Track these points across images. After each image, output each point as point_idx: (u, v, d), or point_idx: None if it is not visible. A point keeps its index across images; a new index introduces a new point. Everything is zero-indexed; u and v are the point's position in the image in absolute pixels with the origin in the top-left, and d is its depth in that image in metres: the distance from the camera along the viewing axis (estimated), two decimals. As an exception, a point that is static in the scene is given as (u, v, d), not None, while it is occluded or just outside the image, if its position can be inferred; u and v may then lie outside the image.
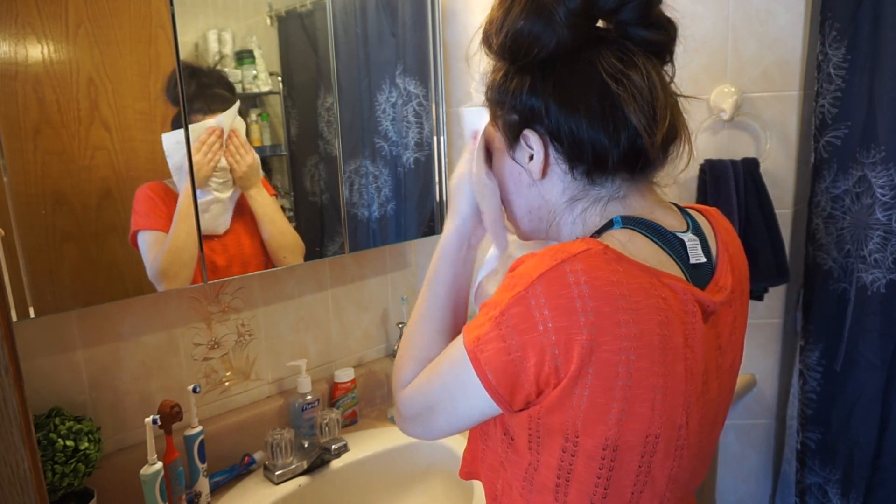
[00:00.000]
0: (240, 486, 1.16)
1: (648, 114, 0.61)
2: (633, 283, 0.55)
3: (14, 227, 0.89)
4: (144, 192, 1.01)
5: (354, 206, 1.36)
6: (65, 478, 0.92)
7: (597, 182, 0.65)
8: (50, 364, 1.01)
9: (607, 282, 0.54)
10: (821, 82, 1.48)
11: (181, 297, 1.16)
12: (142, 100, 1.00)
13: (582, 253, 0.55)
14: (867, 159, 1.42)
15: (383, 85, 1.39)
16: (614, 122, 0.61)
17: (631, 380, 0.55)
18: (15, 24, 0.86)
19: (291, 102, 1.29)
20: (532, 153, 0.66)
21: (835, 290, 1.51)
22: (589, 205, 0.66)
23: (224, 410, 1.24)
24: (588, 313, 0.53)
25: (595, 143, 0.62)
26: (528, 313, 0.55)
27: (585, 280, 0.54)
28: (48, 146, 0.91)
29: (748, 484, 1.70)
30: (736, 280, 0.68)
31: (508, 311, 0.56)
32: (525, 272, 0.57)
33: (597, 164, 0.63)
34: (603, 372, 0.54)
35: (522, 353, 0.55)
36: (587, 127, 0.62)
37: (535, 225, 0.71)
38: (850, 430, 1.50)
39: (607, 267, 0.55)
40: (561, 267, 0.55)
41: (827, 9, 1.44)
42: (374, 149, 1.38)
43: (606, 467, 0.57)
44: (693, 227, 0.67)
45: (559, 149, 0.64)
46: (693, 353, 0.59)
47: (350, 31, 1.31)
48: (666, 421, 0.57)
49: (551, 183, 0.67)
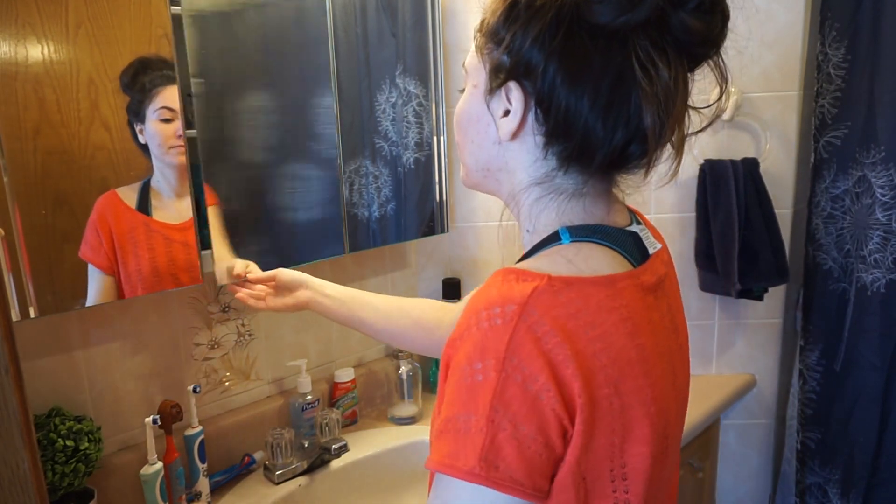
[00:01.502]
0: (240, 486, 1.16)
1: (663, 118, 0.52)
2: (591, 305, 0.50)
3: (14, 227, 0.89)
4: (93, 215, 0.97)
5: (354, 206, 1.36)
6: (65, 478, 0.92)
7: (569, 171, 0.57)
8: (50, 364, 1.01)
9: (568, 317, 0.49)
10: (821, 82, 1.48)
11: (181, 297, 1.16)
12: (142, 100, 1.00)
13: (531, 296, 0.49)
14: (867, 159, 1.42)
15: (383, 85, 1.39)
16: (618, 116, 0.53)
17: (624, 405, 0.51)
18: (15, 25, 0.86)
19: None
20: (509, 109, 0.57)
21: (834, 290, 1.51)
22: (550, 195, 0.59)
23: (224, 410, 1.25)
24: (568, 361, 0.48)
25: (588, 132, 0.54)
26: (521, 395, 0.47)
27: (549, 328, 0.48)
28: (48, 146, 0.91)
29: (748, 484, 1.70)
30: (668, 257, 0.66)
31: (498, 404, 0.47)
32: (483, 352, 0.48)
33: (579, 155, 0.56)
34: (600, 412, 0.50)
35: (543, 437, 0.48)
36: (588, 109, 0.53)
37: (489, 184, 0.64)
38: (849, 429, 1.50)
39: (560, 300, 0.49)
40: (522, 324, 0.48)
41: (827, 9, 1.44)
42: (374, 149, 1.39)
43: (622, 489, 0.53)
44: (634, 219, 0.63)
45: (542, 119, 0.55)
46: (663, 347, 0.57)
47: (350, 31, 1.31)
48: (662, 426, 0.55)
49: (520, 150, 0.59)
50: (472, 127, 0.62)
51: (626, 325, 0.52)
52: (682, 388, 0.63)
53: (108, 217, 0.99)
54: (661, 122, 0.53)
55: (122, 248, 1.01)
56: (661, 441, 0.55)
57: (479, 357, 0.48)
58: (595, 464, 0.51)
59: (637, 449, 0.52)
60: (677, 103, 0.53)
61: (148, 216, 1.04)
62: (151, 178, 1.03)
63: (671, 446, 0.59)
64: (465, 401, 0.48)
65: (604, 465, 0.51)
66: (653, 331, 0.55)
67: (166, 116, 1.02)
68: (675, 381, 0.60)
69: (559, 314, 0.49)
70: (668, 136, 0.54)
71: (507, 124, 0.57)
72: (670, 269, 0.66)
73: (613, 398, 0.50)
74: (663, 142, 0.55)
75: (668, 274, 0.64)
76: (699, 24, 0.52)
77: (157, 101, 1.01)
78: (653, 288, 0.58)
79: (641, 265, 0.58)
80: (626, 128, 0.54)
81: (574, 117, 0.53)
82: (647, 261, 0.59)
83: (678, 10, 0.51)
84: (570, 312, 0.49)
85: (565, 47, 0.52)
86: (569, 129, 0.54)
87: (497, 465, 0.47)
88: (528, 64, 0.54)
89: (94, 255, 0.98)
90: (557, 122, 0.54)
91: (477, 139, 0.62)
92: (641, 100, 0.52)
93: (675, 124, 0.54)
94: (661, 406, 0.55)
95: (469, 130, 0.62)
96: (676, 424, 0.61)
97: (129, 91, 0.98)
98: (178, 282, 1.07)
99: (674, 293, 0.65)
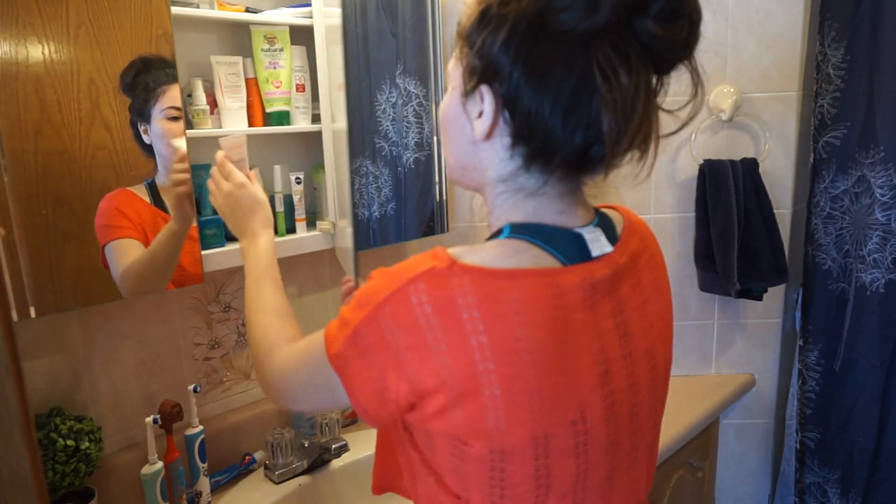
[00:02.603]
0: (240, 486, 1.16)
1: (621, 124, 0.54)
2: (479, 292, 0.54)
3: (15, 226, 0.89)
4: (110, 204, 0.99)
5: (354, 206, 1.36)
6: (65, 477, 0.92)
7: (531, 170, 0.60)
8: (51, 364, 1.01)
9: (449, 299, 0.54)
10: (820, 82, 1.48)
11: (181, 297, 1.16)
12: (142, 100, 1.00)
13: (426, 273, 0.55)
14: (866, 159, 1.42)
15: (383, 85, 1.39)
16: (577, 119, 0.55)
17: (498, 388, 0.54)
18: (16, 25, 0.87)
19: (291, 102, 1.28)
20: (481, 110, 0.59)
21: (834, 290, 1.51)
22: (509, 192, 0.62)
23: (224, 410, 1.25)
24: (434, 331, 0.54)
25: (548, 134, 0.56)
26: (380, 334, 0.56)
27: (427, 300, 0.54)
28: (49, 146, 0.91)
29: (747, 483, 1.71)
30: (644, 263, 0.66)
31: (361, 330, 0.57)
32: (375, 290, 0.57)
33: (540, 156, 0.58)
34: (467, 387, 0.54)
35: (382, 372, 0.57)
36: (549, 112, 0.55)
37: (467, 182, 0.68)
38: (848, 429, 1.50)
39: (449, 283, 0.55)
40: (405, 289, 0.55)
41: (826, 9, 1.44)
42: (374, 149, 1.39)
43: (498, 468, 0.57)
44: (598, 221, 0.64)
45: (509, 121, 0.58)
46: (575, 346, 0.57)
47: (350, 31, 1.31)
48: (553, 420, 0.56)
49: (491, 150, 0.62)
50: (451, 126, 0.65)
51: (516, 317, 0.54)
52: (624, 393, 0.62)
53: (131, 206, 1.01)
54: (618, 126, 0.54)
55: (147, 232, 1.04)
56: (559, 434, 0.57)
57: (372, 292, 0.58)
58: (466, 429, 0.56)
59: (520, 430, 0.56)
60: (638, 109, 0.55)
61: (165, 213, 1.04)
62: (156, 178, 1.04)
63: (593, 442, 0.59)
64: (351, 311, 0.59)
65: (478, 437, 0.56)
66: (560, 329, 0.56)
67: (174, 115, 1.03)
68: (607, 384, 0.60)
69: (441, 294, 0.54)
70: (630, 140, 0.56)
71: (480, 125, 0.60)
72: (641, 273, 0.65)
73: (483, 379, 0.54)
74: (623, 145, 0.56)
75: (627, 276, 0.63)
76: (662, 30, 0.53)
77: (164, 101, 1.01)
78: (579, 287, 0.58)
79: (573, 265, 0.59)
80: (586, 131, 0.55)
81: (536, 120, 0.56)
82: (585, 262, 0.60)
83: (639, 17, 0.53)
84: (454, 295, 0.54)
85: (529, 53, 0.55)
86: (531, 131, 0.57)
87: (346, 366, 0.59)
88: (496, 68, 0.56)
89: (118, 232, 1.00)
90: (521, 124, 0.57)
91: (455, 138, 0.65)
92: (601, 104, 0.54)
93: (638, 128, 0.56)
94: (554, 402, 0.56)
95: (449, 130, 0.66)
96: (602, 426, 0.60)
97: (131, 91, 0.98)
98: (185, 279, 1.08)
99: (640, 300, 0.64)
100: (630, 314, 0.63)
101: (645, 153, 0.59)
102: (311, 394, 0.68)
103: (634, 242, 0.66)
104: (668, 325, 0.69)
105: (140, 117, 1.00)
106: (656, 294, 0.67)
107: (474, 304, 0.54)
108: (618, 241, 0.64)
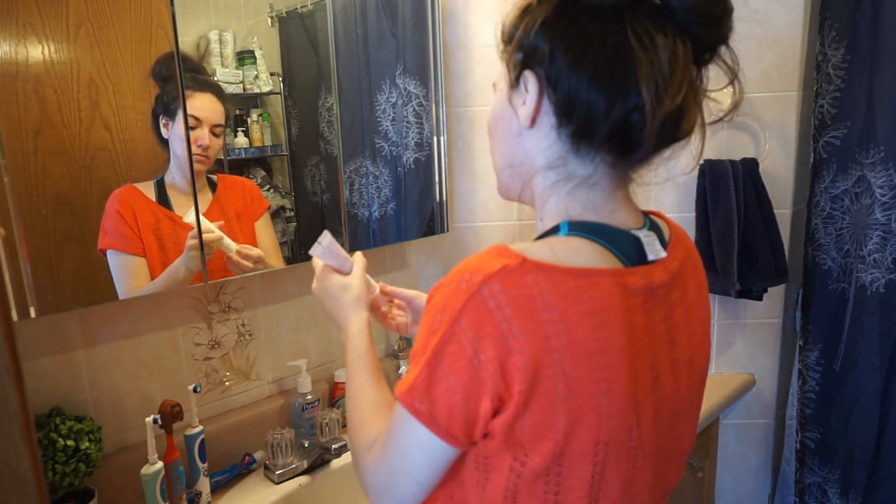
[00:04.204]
0: (240, 486, 1.16)
1: (660, 88, 0.55)
2: (556, 291, 0.53)
3: (15, 227, 0.89)
4: (112, 206, 0.98)
5: (354, 206, 1.36)
6: (65, 477, 0.92)
7: (580, 152, 0.60)
8: (51, 364, 1.01)
9: (528, 297, 0.53)
10: (820, 82, 1.48)
11: (182, 297, 1.16)
12: (143, 100, 1.00)
13: (498, 272, 0.53)
14: (866, 159, 1.42)
15: (383, 85, 1.39)
16: (617, 87, 0.56)
17: (571, 391, 0.53)
18: (16, 25, 0.87)
19: (292, 102, 1.29)
20: (526, 98, 0.61)
21: (834, 290, 1.51)
22: (562, 181, 0.62)
23: (224, 410, 1.25)
24: (515, 335, 0.52)
25: (589, 104, 0.57)
26: (460, 351, 0.53)
27: (506, 301, 0.52)
28: (49, 146, 0.91)
29: (747, 483, 1.71)
30: (689, 272, 0.66)
31: (439, 352, 0.54)
32: (446, 306, 0.55)
33: (584, 129, 0.58)
34: (542, 389, 0.53)
35: (466, 393, 0.54)
36: (587, 83, 0.56)
37: (512, 182, 0.67)
38: (849, 429, 1.50)
39: (525, 280, 0.53)
40: (479, 294, 0.53)
41: (826, 9, 1.44)
42: (374, 149, 1.39)
43: (554, 472, 0.56)
44: (650, 225, 0.64)
45: (553, 99, 0.59)
46: (637, 350, 0.57)
47: (350, 31, 1.31)
48: (615, 425, 0.56)
49: (538, 136, 0.62)
50: (498, 125, 0.66)
51: (592, 318, 0.54)
52: (669, 399, 0.62)
53: (132, 207, 1.01)
54: (657, 95, 0.55)
55: (146, 238, 1.02)
56: (619, 440, 0.56)
57: (441, 309, 0.55)
58: (534, 435, 0.54)
59: (584, 434, 0.55)
60: (677, 72, 0.55)
61: (170, 210, 1.05)
62: (166, 174, 1.04)
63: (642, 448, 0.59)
64: (424, 340, 0.56)
65: (545, 442, 0.54)
66: (629, 331, 0.56)
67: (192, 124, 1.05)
68: (656, 389, 0.60)
69: (519, 293, 0.53)
70: (670, 103, 0.56)
71: (524, 110, 0.61)
72: (687, 281, 0.65)
73: (559, 381, 0.53)
74: (664, 109, 0.56)
75: (677, 284, 0.63)
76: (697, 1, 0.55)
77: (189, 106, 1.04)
78: (642, 291, 0.58)
79: (634, 267, 0.59)
80: (626, 99, 0.56)
81: (577, 94, 0.57)
82: (645, 265, 0.60)
83: None
84: (532, 293, 0.53)
85: (566, 29, 0.57)
86: (573, 105, 0.58)
87: (422, 401, 0.56)
88: (536, 50, 0.58)
89: (118, 242, 0.99)
90: (563, 100, 0.58)
91: (503, 136, 0.66)
92: (638, 73, 0.55)
93: (679, 92, 0.56)
94: (619, 407, 0.56)
95: (496, 130, 0.66)
96: (651, 431, 0.60)
97: (163, 83, 0.99)
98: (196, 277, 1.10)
99: (686, 307, 0.64)
100: (677, 321, 0.63)
101: (688, 140, 0.60)
102: (409, 468, 0.60)
103: (681, 249, 0.67)
104: (707, 334, 0.69)
105: (164, 111, 1.00)
106: (699, 303, 0.67)
107: (552, 303, 0.53)
108: (667, 247, 0.64)
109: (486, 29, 1.51)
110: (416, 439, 0.58)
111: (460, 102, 1.55)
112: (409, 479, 0.61)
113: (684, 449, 0.69)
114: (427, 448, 0.58)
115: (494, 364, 0.53)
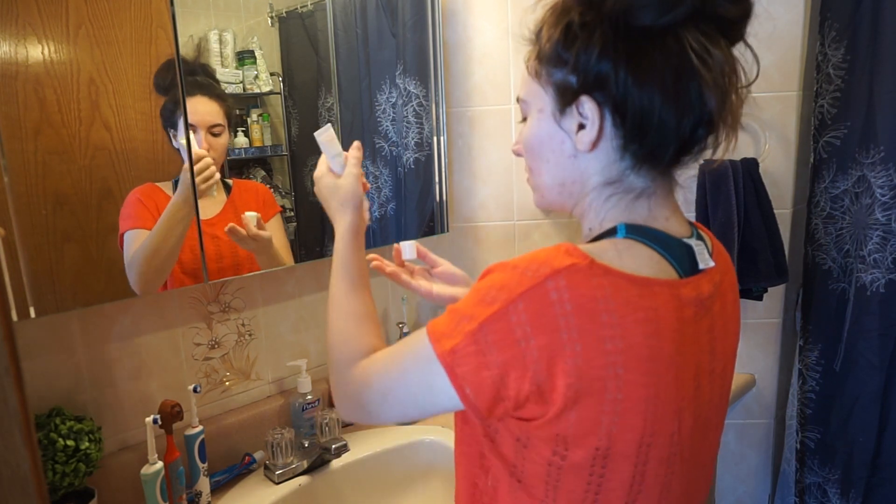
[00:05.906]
0: (240, 486, 1.16)
1: (725, 101, 0.58)
2: (618, 297, 0.54)
3: (15, 226, 0.89)
4: (133, 195, 1.01)
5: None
6: (65, 477, 0.92)
7: (641, 169, 0.61)
8: (50, 364, 1.01)
9: (591, 298, 0.53)
10: (820, 82, 1.48)
11: (181, 297, 1.16)
12: (143, 100, 1.00)
13: (566, 269, 0.54)
14: (866, 159, 1.42)
15: (383, 85, 1.39)
16: (684, 104, 0.57)
17: (621, 393, 0.54)
18: (15, 25, 0.87)
19: (292, 102, 1.29)
20: (583, 122, 0.60)
21: (834, 289, 1.51)
22: (619, 194, 0.62)
23: (224, 410, 1.25)
24: (571, 331, 0.53)
25: (663, 125, 0.57)
26: (508, 330, 0.54)
27: (569, 297, 0.53)
28: (49, 146, 0.91)
29: (747, 483, 1.71)
30: (727, 285, 0.67)
31: (487, 326, 0.55)
32: (505, 285, 0.55)
33: (655, 149, 0.59)
34: (592, 387, 0.54)
35: (503, 370, 0.55)
36: (660, 104, 0.57)
37: (562, 199, 0.67)
38: (849, 429, 1.50)
39: (591, 282, 0.54)
40: (544, 285, 0.53)
41: (826, 9, 1.44)
42: (374, 149, 1.39)
43: (597, 474, 0.57)
44: (696, 234, 0.66)
45: (619, 123, 0.59)
46: (684, 359, 0.59)
47: (350, 31, 1.31)
48: (658, 429, 0.57)
49: (596, 159, 0.62)
50: (546, 147, 0.65)
51: (647, 326, 0.55)
52: (705, 407, 0.64)
53: (154, 199, 1.03)
54: (722, 104, 0.58)
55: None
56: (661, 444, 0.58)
57: (500, 287, 0.55)
58: (578, 431, 0.55)
59: (629, 435, 0.56)
60: (732, 80, 0.58)
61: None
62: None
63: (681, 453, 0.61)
64: (473, 306, 0.56)
65: (590, 438, 0.55)
66: (679, 341, 0.57)
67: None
68: (697, 397, 0.61)
69: (583, 293, 0.53)
70: (731, 111, 0.59)
71: (585, 136, 0.61)
72: (726, 294, 0.66)
73: (610, 382, 0.54)
74: (724, 118, 0.59)
75: (718, 296, 0.64)
76: (736, 9, 0.57)
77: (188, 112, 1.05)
78: (693, 302, 0.60)
79: (687, 277, 0.60)
80: (693, 114, 0.58)
81: (649, 114, 0.57)
82: (696, 275, 0.61)
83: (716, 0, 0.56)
84: (596, 296, 0.54)
85: (629, 52, 0.56)
86: (647, 125, 0.58)
87: (460, 365, 0.56)
88: (598, 76, 0.58)
89: (137, 221, 1.01)
90: (634, 123, 0.58)
91: (552, 157, 0.65)
92: (702, 85, 0.56)
93: (732, 104, 0.59)
94: (662, 411, 0.57)
95: (543, 152, 0.66)
96: (689, 437, 0.61)
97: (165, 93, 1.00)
98: (186, 278, 1.10)
99: (724, 320, 0.66)
100: (717, 332, 0.64)
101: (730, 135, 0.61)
102: (404, 399, 0.63)
103: (721, 262, 0.68)
104: (736, 347, 0.71)
105: (168, 123, 1.02)
106: (734, 315, 0.69)
107: (614, 307, 0.54)
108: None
109: (486, 29, 1.51)
110: (429, 383, 0.59)
111: (460, 102, 1.55)
112: (399, 408, 0.64)
113: (712, 457, 0.70)
114: (436, 394, 0.59)
115: (543, 352, 0.53)
